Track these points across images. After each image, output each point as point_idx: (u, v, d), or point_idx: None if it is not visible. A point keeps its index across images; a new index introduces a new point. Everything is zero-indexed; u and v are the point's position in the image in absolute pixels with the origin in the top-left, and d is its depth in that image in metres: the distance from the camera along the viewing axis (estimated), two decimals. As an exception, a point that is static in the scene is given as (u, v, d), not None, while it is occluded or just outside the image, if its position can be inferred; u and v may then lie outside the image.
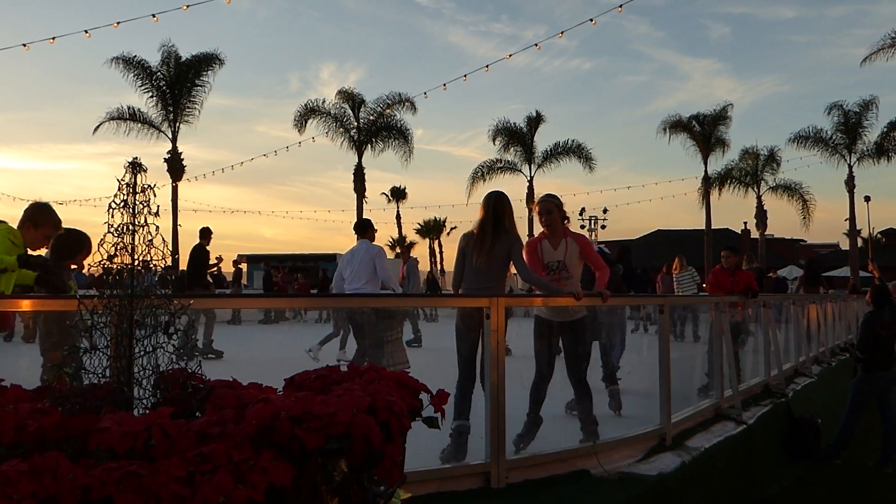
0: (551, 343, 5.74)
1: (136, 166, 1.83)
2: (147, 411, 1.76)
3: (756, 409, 7.76)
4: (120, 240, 1.81)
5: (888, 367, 8.54)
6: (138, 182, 1.82)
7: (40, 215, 5.18)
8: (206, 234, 12.54)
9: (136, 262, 1.82)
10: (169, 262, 1.87)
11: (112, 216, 1.81)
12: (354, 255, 8.14)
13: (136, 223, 1.82)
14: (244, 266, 32.47)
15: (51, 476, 1.24)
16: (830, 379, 11.98)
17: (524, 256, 5.62)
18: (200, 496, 1.28)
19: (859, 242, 35.94)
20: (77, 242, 5.40)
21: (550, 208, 5.87)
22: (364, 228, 8.51)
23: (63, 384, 1.77)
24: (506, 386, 4.50)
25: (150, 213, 1.83)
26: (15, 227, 5.03)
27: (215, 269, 14.39)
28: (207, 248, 12.57)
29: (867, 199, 16.38)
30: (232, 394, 1.76)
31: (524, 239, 5.82)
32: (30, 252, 5.05)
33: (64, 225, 5.37)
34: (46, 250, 5.35)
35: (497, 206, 5.48)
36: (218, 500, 1.28)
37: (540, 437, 5.46)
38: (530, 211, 37.74)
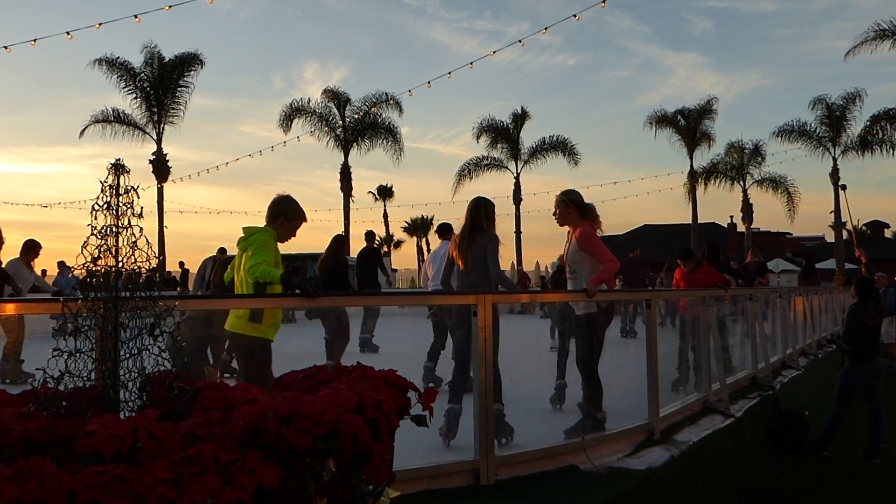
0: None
1: (118, 168, 1.81)
2: (133, 414, 1.75)
3: (744, 402, 7.80)
4: (104, 242, 1.80)
5: (874, 357, 8.60)
6: (121, 184, 1.81)
7: (292, 209, 5.09)
8: (372, 236, 13.05)
9: (120, 264, 1.81)
10: (154, 264, 1.86)
11: (95, 218, 1.79)
12: (436, 255, 8.68)
13: (120, 225, 1.81)
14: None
15: (36, 481, 1.23)
16: (817, 371, 12.04)
17: None
18: (188, 498, 1.28)
19: (844, 235, 36.08)
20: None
21: (557, 203, 5.99)
22: (445, 231, 9.04)
23: (48, 388, 1.75)
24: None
25: (133, 214, 1.82)
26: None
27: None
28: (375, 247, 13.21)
29: (843, 187, 16.46)
30: (219, 395, 1.75)
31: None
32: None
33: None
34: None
35: (473, 210, 5.85)
36: (205, 501, 1.28)
37: (528, 434, 5.52)
38: (517, 207, 37.84)
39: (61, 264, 18.86)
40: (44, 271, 26.61)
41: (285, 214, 5.02)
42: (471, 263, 5.73)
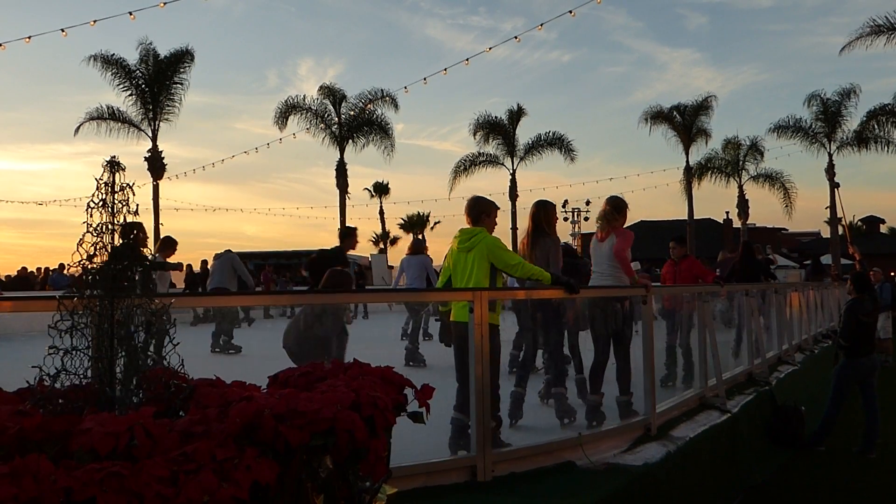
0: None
1: (113, 165, 1.81)
2: (130, 411, 1.75)
3: (740, 398, 7.81)
4: (99, 239, 1.80)
5: (869, 353, 8.62)
6: (116, 181, 1.81)
7: (489, 204, 5.51)
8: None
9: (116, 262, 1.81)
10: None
11: (91, 215, 1.79)
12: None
13: (115, 222, 1.80)
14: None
15: (32, 479, 1.23)
16: (813, 367, 12.07)
17: None
18: (184, 496, 1.27)
19: (840, 230, 36.09)
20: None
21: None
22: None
23: (43, 385, 1.75)
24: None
25: (129, 211, 1.81)
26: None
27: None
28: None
29: (837, 185, 16.46)
30: (215, 392, 1.75)
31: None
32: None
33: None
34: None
35: (534, 215, 6.45)
36: (202, 499, 1.28)
37: (526, 430, 5.56)
38: (513, 204, 37.76)
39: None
40: (47, 269, 26.51)
41: (486, 212, 5.43)
42: (535, 263, 6.07)
